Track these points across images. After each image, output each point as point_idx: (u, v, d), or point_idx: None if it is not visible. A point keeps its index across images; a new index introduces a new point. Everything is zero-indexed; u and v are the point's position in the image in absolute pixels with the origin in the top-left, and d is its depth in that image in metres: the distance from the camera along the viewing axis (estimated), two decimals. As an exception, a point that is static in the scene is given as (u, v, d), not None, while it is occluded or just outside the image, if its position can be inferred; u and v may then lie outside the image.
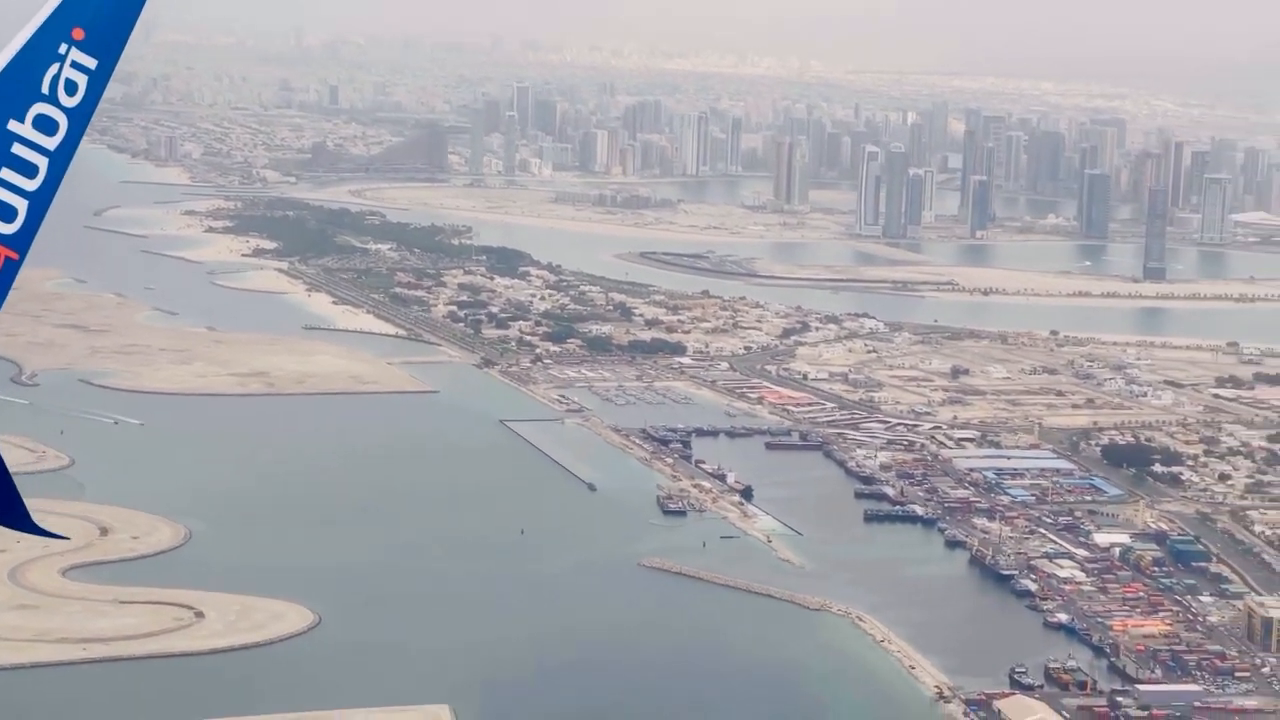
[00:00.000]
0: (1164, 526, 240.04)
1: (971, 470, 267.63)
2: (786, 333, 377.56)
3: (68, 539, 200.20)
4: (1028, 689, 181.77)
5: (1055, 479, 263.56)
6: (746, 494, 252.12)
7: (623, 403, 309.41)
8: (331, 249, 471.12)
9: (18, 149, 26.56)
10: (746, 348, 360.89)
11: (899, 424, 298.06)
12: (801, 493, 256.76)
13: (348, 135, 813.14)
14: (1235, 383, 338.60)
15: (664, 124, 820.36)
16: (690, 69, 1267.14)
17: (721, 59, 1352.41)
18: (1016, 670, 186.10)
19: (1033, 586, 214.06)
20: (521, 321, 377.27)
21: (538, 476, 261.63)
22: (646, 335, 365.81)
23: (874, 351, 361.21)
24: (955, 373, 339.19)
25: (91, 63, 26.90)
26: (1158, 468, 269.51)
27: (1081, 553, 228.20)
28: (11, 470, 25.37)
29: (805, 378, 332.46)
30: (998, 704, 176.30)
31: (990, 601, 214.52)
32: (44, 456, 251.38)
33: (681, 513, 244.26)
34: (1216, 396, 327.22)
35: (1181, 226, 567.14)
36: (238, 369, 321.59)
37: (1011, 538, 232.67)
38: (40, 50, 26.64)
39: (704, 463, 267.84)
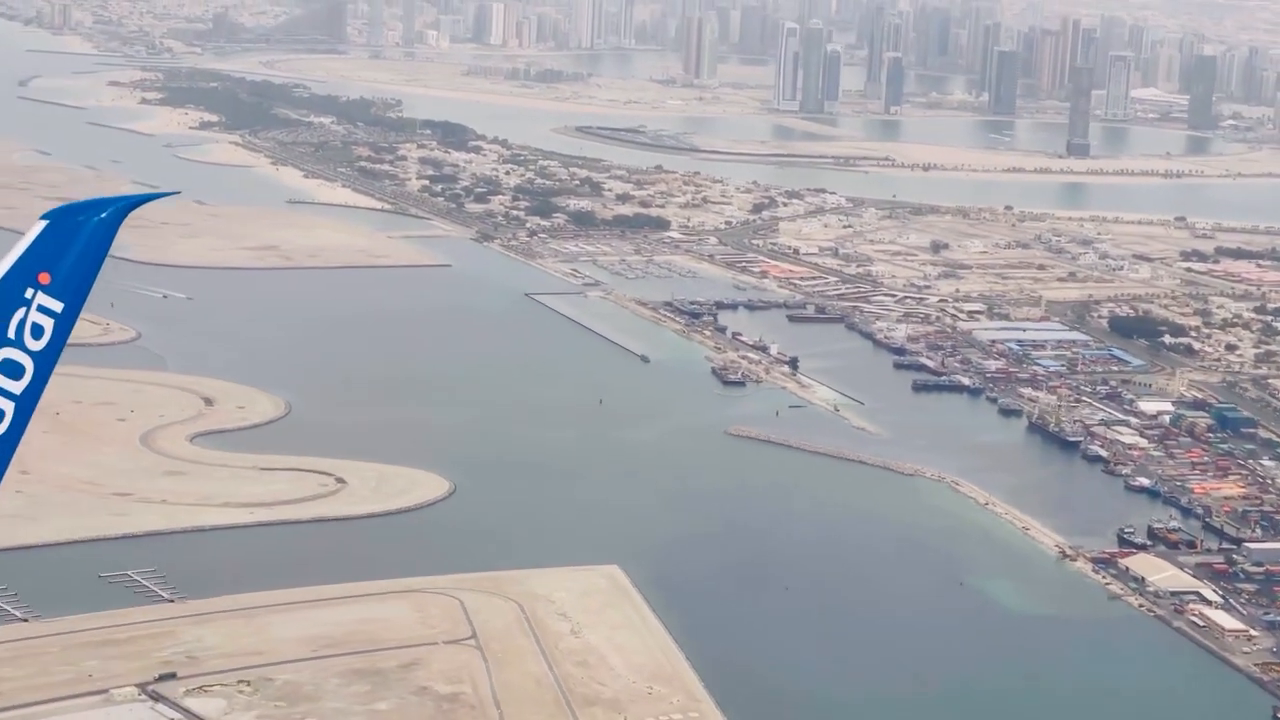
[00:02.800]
0: (1198, 395, 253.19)
1: (994, 342, 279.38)
2: (757, 208, 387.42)
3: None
4: (1140, 548, 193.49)
5: (1076, 350, 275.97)
6: (793, 365, 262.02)
7: (632, 276, 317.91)
8: (275, 122, 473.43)
9: None
10: (727, 222, 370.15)
11: (906, 297, 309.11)
12: (842, 363, 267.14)
13: (231, 4, 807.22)
14: (1199, 256, 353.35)
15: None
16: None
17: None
18: (1125, 530, 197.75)
19: (1103, 452, 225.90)
20: (499, 196, 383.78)
21: (586, 348, 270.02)
22: (625, 210, 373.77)
23: (849, 226, 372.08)
24: (935, 247, 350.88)
25: (58, 306, 26.83)
26: (1166, 339, 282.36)
27: (1133, 420, 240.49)
28: (82, 343, 29.39)
29: (796, 252, 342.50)
30: (1124, 562, 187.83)
31: (1066, 466, 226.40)
32: (109, 329, 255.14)
33: (740, 383, 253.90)
34: (1189, 270, 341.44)
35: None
36: (247, 243, 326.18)
37: (1060, 406, 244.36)
38: (7, 295, 26.65)
39: (742, 335, 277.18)
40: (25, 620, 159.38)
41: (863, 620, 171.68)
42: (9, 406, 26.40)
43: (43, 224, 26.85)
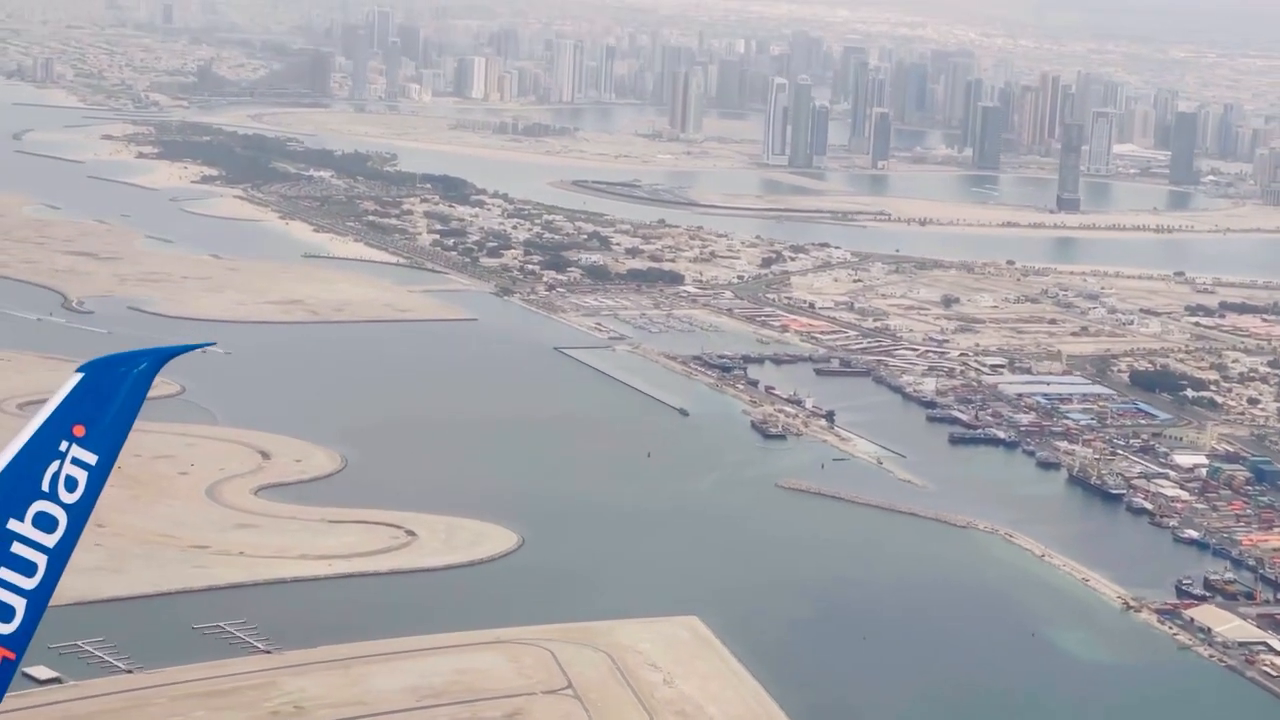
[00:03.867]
0: (1229, 448, 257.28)
1: (1021, 395, 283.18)
2: (766, 262, 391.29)
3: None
4: (1199, 599, 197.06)
5: (1104, 404, 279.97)
6: (830, 418, 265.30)
7: (656, 330, 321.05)
8: (274, 176, 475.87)
9: (17, 548, 26.27)
10: (739, 276, 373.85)
11: (927, 351, 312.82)
12: (876, 417, 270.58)
13: (210, 57, 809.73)
14: (1205, 311, 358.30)
15: (526, 51, 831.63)
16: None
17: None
18: (1184, 582, 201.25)
19: (1148, 505, 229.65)
20: (511, 250, 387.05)
21: (623, 402, 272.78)
22: (637, 264, 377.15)
23: (859, 281, 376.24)
24: (947, 301, 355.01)
25: (92, 459, 26.79)
26: (1189, 393, 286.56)
27: (1170, 473, 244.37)
28: None
29: (813, 306, 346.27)
30: (1189, 613, 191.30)
31: (1112, 519, 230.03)
32: (154, 383, 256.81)
33: (781, 436, 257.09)
34: (1197, 325, 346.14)
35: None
36: (272, 297, 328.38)
37: (1099, 459, 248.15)
38: (41, 448, 26.54)
39: (774, 388, 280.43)
40: (130, 671, 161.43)
41: (943, 670, 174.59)
42: (42, 560, 26.29)
43: (78, 376, 26.87)
